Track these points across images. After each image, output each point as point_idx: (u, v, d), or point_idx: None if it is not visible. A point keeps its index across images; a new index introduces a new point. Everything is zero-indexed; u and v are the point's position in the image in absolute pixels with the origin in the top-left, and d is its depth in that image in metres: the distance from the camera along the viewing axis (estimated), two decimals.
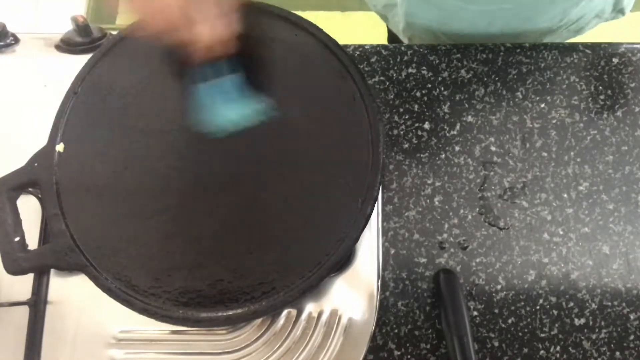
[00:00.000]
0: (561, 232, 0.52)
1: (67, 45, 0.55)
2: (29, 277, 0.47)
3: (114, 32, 0.53)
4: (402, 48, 0.58)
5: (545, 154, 0.54)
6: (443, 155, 0.54)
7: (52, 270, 0.48)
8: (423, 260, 0.51)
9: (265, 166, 0.45)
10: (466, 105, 0.56)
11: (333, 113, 0.46)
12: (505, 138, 0.55)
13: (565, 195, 0.53)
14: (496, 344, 0.49)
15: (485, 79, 0.57)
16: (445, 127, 0.55)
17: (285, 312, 0.45)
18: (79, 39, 0.55)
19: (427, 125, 0.55)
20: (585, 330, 0.49)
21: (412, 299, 0.50)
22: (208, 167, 0.46)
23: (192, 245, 0.44)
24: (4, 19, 0.57)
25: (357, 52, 0.57)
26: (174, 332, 0.46)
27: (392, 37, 0.86)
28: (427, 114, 0.55)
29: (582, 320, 0.49)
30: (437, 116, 0.55)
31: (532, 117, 0.55)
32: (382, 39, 0.94)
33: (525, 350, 0.49)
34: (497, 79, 0.57)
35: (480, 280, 0.50)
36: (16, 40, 0.57)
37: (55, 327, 0.47)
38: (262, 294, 0.42)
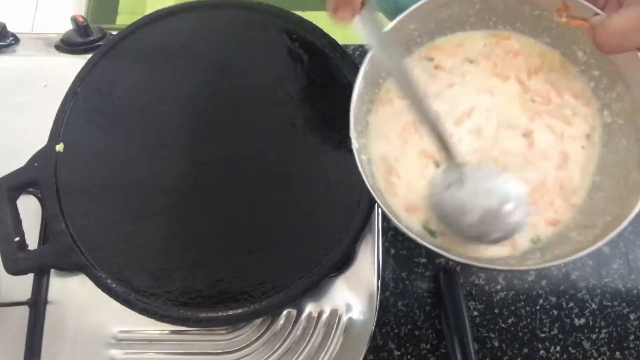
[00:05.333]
0: None
1: (67, 45, 0.55)
2: (29, 277, 0.47)
3: (114, 32, 0.53)
4: None
5: None
6: None
7: (52, 270, 0.48)
8: (423, 260, 0.51)
9: (265, 166, 0.45)
10: None
11: (333, 114, 0.46)
12: None
13: None
14: (496, 344, 0.49)
15: None
16: None
17: (285, 312, 0.45)
18: (79, 39, 0.55)
19: None
20: (585, 330, 0.49)
21: (412, 299, 0.50)
22: (208, 167, 0.46)
23: (192, 245, 0.44)
24: (4, 19, 0.57)
25: (357, 52, 0.57)
26: (174, 332, 0.46)
27: None
28: None
29: (582, 320, 0.49)
30: None
31: None
32: None
33: (525, 350, 0.49)
34: None
35: (480, 280, 0.50)
36: (16, 40, 0.57)
37: (55, 327, 0.47)
38: (262, 294, 0.42)
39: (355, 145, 0.34)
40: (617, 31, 0.29)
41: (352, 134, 0.34)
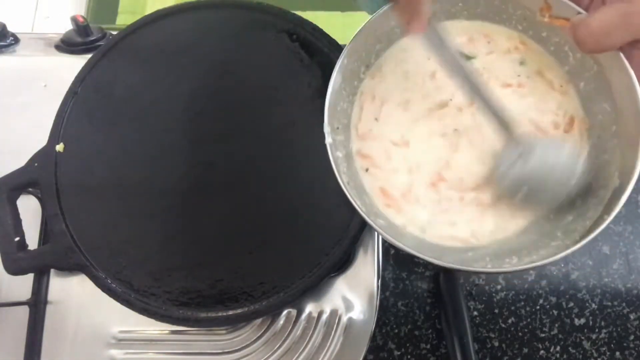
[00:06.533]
0: None
1: (67, 45, 0.55)
2: (29, 277, 0.47)
3: (114, 32, 0.53)
4: None
5: None
6: None
7: (52, 270, 0.48)
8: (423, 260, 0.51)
9: (265, 166, 0.45)
10: None
11: None
12: None
13: None
14: (496, 344, 0.49)
15: None
16: None
17: (285, 312, 0.45)
18: (79, 39, 0.55)
19: None
20: (585, 330, 0.49)
21: (412, 299, 0.50)
22: (208, 167, 0.46)
23: (192, 245, 0.44)
24: (4, 19, 0.57)
25: None
26: (174, 332, 0.46)
27: None
28: None
29: (582, 320, 0.49)
30: None
31: None
32: None
33: (525, 350, 0.49)
34: None
35: (480, 280, 0.50)
36: (16, 40, 0.57)
37: (55, 327, 0.47)
38: (262, 294, 0.42)
39: (328, 140, 0.34)
40: (597, 29, 0.28)
41: (326, 128, 0.34)
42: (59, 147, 0.46)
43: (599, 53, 0.32)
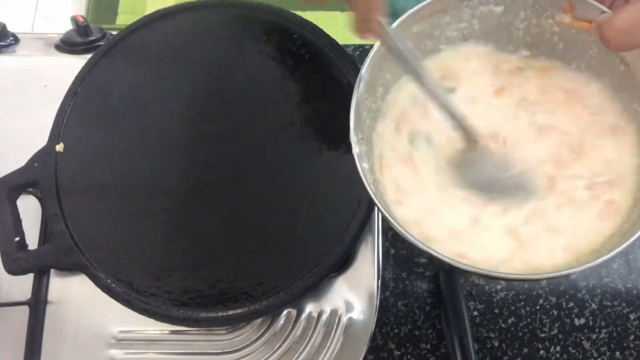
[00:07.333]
0: None
1: (67, 45, 0.55)
2: (29, 277, 0.47)
3: (114, 32, 0.53)
4: None
5: None
6: None
7: (52, 270, 0.48)
8: (423, 260, 0.51)
9: (265, 166, 0.45)
10: None
11: (332, 114, 0.46)
12: None
13: None
14: (496, 344, 0.49)
15: None
16: None
17: (285, 312, 0.45)
18: (79, 39, 0.55)
19: None
20: (585, 330, 0.49)
21: (412, 299, 0.50)
22: (208, 167, 0.46)
23: (192, 245, 0.44)
24: (4, 19, 0.57)
25: (357, 52, 0.57)
26: (174, 332, 0.46)
27: None
28: None
29: (582, 320, 0.49)
30: None
31: None
32: None
33: (525, 350, 0.49)
34: None
35: (480, 280, 0.50)
36: (16, 40, 0.57)
37: (55, 327, 0.47)
38: (262, 294, 0.42)
39: (355, 150, 0.33)
40: (623, 27, 0.28)
41: (352, 138, 0.33)
42: (59, 147, 0.46)
43: (626, 51, 0.32)
